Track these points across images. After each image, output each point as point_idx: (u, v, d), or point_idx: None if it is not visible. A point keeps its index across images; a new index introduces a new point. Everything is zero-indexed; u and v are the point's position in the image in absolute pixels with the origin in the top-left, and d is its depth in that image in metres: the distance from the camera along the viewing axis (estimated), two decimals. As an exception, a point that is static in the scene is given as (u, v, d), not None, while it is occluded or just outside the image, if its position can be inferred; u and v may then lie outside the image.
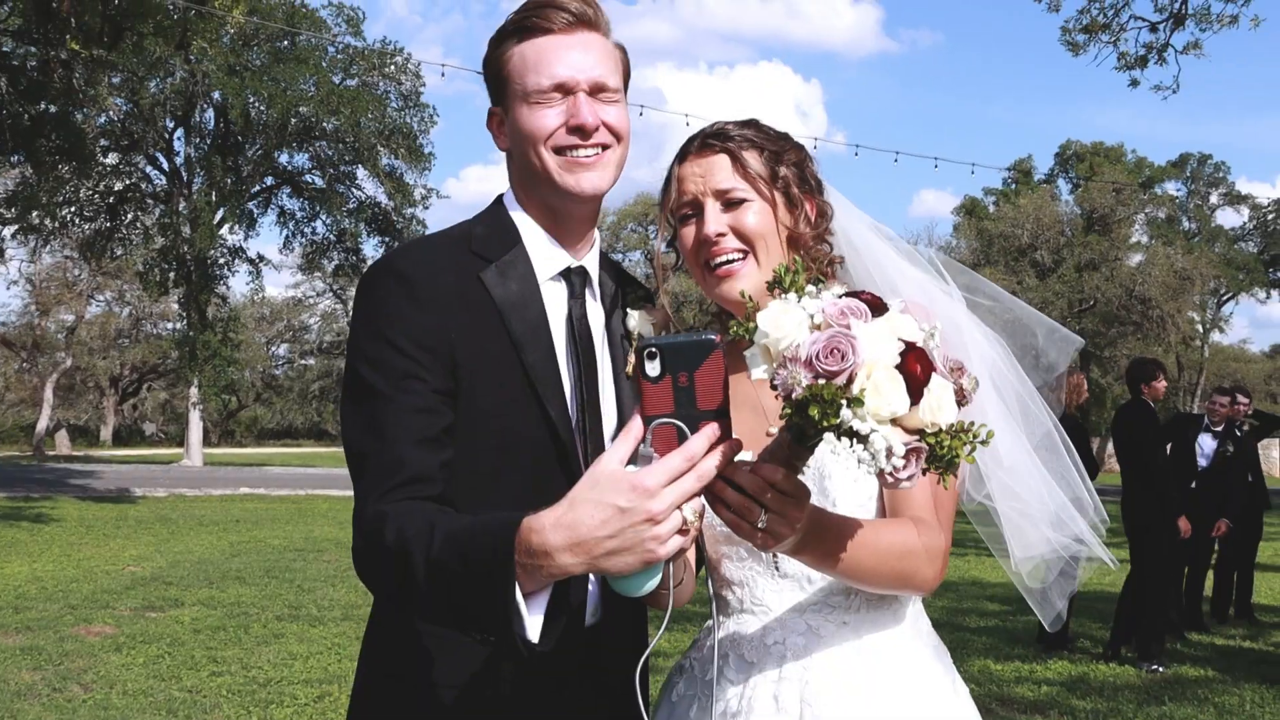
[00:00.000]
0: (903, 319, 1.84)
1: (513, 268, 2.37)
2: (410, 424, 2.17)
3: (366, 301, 2.31)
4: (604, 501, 1.77)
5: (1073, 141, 70.56)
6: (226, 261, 45.36)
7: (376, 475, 2.13)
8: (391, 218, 47.20)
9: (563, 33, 2.35)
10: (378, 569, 2.07)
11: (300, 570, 15.92)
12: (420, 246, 2.43)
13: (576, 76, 2.33)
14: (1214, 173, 76.00)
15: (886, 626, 2.46)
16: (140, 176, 45.74)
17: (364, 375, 2.23)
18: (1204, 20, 22.19)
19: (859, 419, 1.75)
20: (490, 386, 2.28)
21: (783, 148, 2.51)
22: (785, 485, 1.90)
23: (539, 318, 2.36)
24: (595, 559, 1.79)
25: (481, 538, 1.88)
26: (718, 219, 2.45)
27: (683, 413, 1.82)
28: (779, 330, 1.81)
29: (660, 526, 1.76)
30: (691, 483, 1.78)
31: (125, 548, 18.19)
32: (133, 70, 35.53)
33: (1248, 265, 72.59)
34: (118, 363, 73.12)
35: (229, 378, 42.93)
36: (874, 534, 2.22)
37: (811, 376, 1.75)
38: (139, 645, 10.60)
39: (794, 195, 2.49)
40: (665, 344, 1.82)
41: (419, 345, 2.22)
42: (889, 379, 1.76)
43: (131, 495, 28.88)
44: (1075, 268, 57.58)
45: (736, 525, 1.93)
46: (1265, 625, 13.57)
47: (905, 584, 2.32)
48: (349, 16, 45.83)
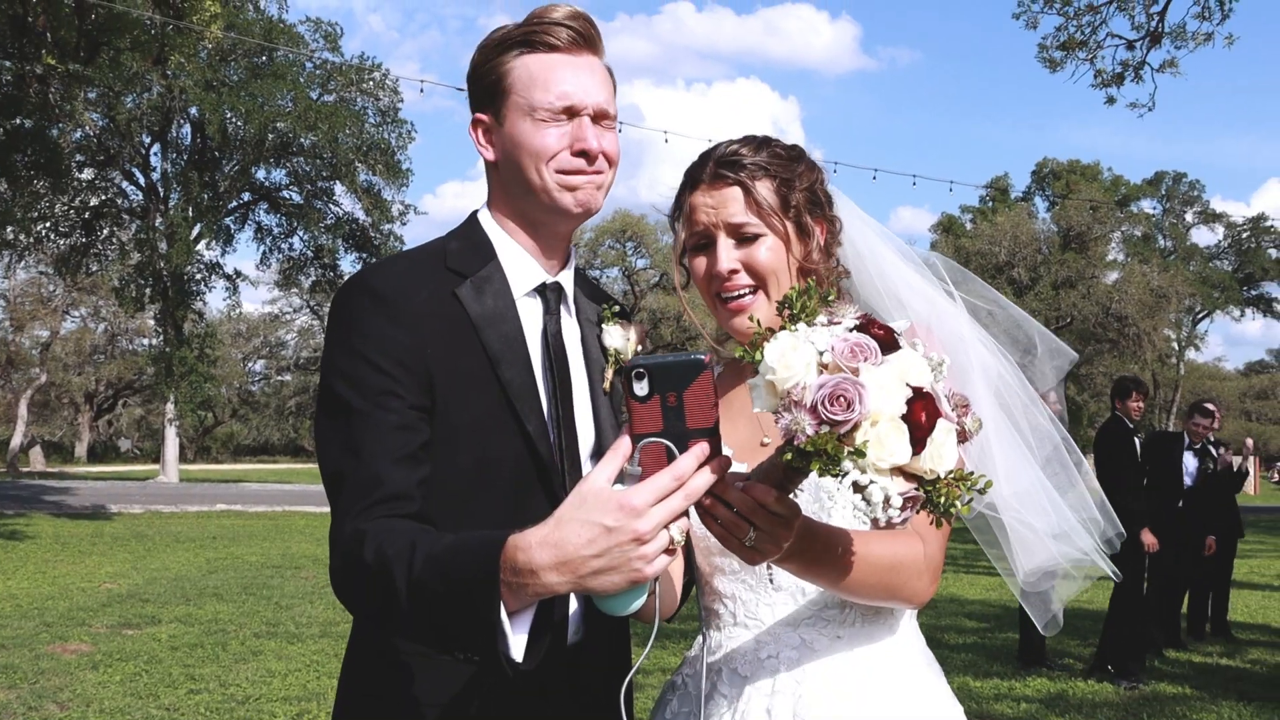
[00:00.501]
0: (912, 359, 1.84)
1: (488, 283, 2.36)
2: (388, 441, 2.15)
3: (341, 318, 2.28)
4: (590, 520, 1.76)
5: (1049, 159, 71.07)
6: (203, 277, 45.13)
7: (354, 493, 2.11)
8: (369, 234, 47.03)
9: (569, 52, 2.35)
10: (357, 588, 2.04)
11: (278, 587, 15.84)
12: (395, 263, 2.41)
13: (585, 100, 2.34)
14: (1189, 191, 76.60)
15: (880, 639, 2.45)
16: (116, 192, 45.48)
17: (340, 392, 2.20)
18: (1180, 38, 22.37)
19: (858, 470, 1.76)
20: (467, 403, 2.26)
21: (795, 172, 2.48)
22: (776, 507, 1.90)
23: (515, 334, 2.35)
24: (581, 578, 1.78)
25: (465, 556, 1.87)
26: (730, 255, 2.44)
27: (671, 432, 1.81)
28: (787, 369, 1.80)
29: (647, 546, 1.75)
30: (679, 502, 1.77)
31: (101, 565, 18.06)
32: (109, 85, 35.30)
33: (1223, 283, 73.17)
34: (93, 379, 72.69)
35: (205, 394, 42.65)
36: (864, 546, 2.21)
37: (815, 424, 1.74)
38: (116, 663, 10.52)
39: (806, 224, 2.48)
40: (654, 364, 1.81)
41: (395, 362, 2.20)
42: (893, 430, 1.76)
43: (107, 512, 28.68)
44: (1052, 285, 57.86)
45: (725, 540, 1.93)
46: (1242, 642, 13.61)
47: (895, 596, 2.31)
48: (326, 32, 45.75)
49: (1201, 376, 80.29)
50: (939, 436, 1.80)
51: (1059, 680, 11.03)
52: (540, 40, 2.34)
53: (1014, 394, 2.52)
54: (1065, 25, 23.12)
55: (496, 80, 2.38)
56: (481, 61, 2.40)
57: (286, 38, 42.58)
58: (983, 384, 2.44)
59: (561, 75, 2.33)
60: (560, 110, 2.32)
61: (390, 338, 2.21)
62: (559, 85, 2.32)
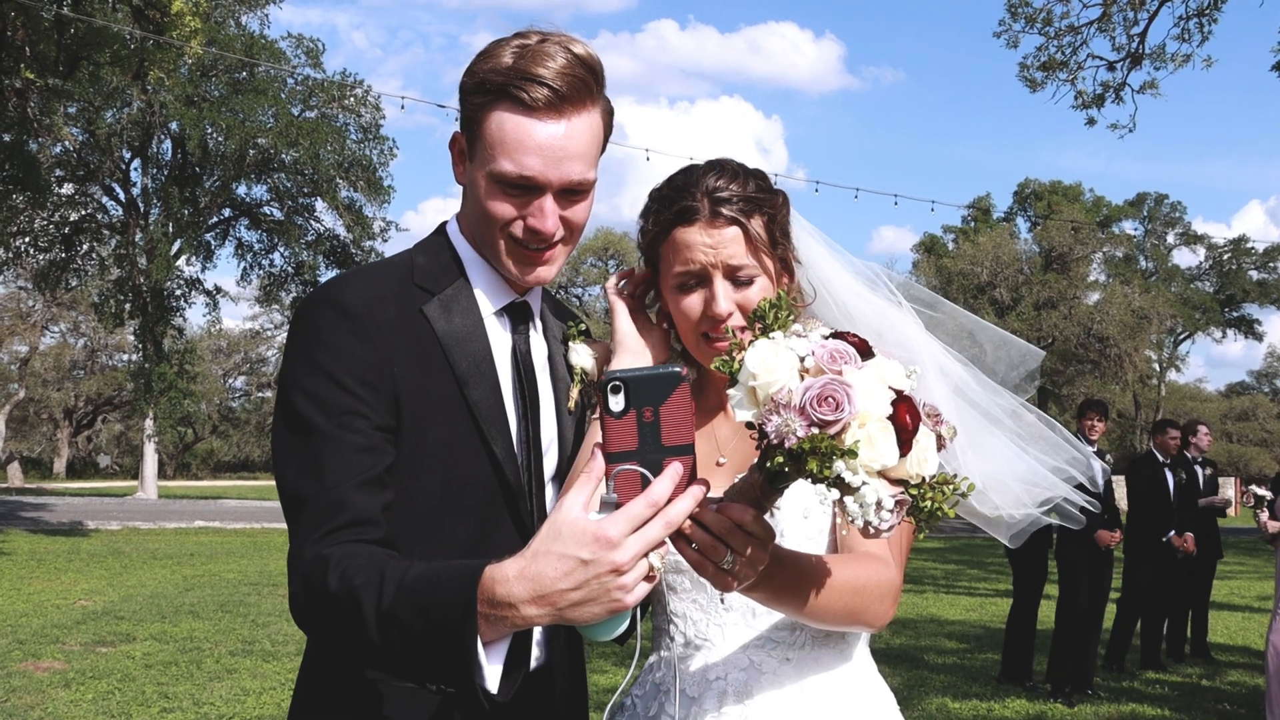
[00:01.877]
0: (890, 365, 1.82)
1: (455, 301, 2.30)
2: (352, 463, 2.07)
3: (304, 332, 2.20)
4: (565, 554, 1.72)
5: (1031, 180, 71.25)
6: (183, 293, 45.07)
7: (315, 517, 2.03)
8: (350, 250, 47.02)
9: (544, 116, 2.20)
10: (321, 617, 1.97)
11: (255, 605, 15.73)
12: (361, 277, 2.32)
13: (549, 175, 2.21)
14: (1170, 212, 76.93)
15: (831, 665, 2.42)
16: (96, 207, 45.41)
17: (301, 409, 2.12)
18: (1160, 60, 22.50)
19: (850, 471, 1.72)
20: (433, 424, 2.20)
21: (776, 205, 2.45)
22: (753, 527, 1.85)
23: (483, 353, 2.29)
24: (560, 610, 1.74)
25: (440, 587, 1.81)
26: (728, 298, 2.39)
27: (648, 449, 1.76)
28: (770, 373, 1.77)
29: (626, 576, 1.72)
30: (658, 530, 1.73)
31: (77, 581, 17.92)
32: (89, 100, 35.27)
33: (1204, 305, 73.48)
34: (72, 394, 72.41)
35: (184, 410, 42.56)
36: (827, 569, 2.17)
37: (806, 425, 1.71)
38: (88, 681, 10.42)
39: (786, 259, 2.46)
40: (630, 376, 1.76)
41: (360, 380, 2.13)
42: (881, 431, 1.74)
43: (84, 528, 28.52)
44: (1034, 306, 58.07)
45: (700, 565, 1.87)
46: (1221, 664, 13.63)
47: (857, 621, 2.27)
48: (308, 48, 45.78)
49: (1183, 398, 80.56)
50: (923, 439, 1.79)
51: (1038, 701, 11.00)
52: (517, 96, 2.19)
53: (973, 390, 2.51)
54: (1046, 45, 23.26)
55: (472, 119, 2.27)
56: (466, 88, 2.29)
57: (268, 53, 42.59)
58: (941, 382, 2.44)
59: (530, 147, 2.19)
60: (518, 179, 2.22)
61: (356, 355, 2.14)
62: (524, 158, 2.20)
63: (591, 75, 2.24)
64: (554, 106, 2.20)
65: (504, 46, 2.24)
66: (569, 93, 2.20)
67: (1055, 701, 10.90)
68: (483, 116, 2.23)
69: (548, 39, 2.23)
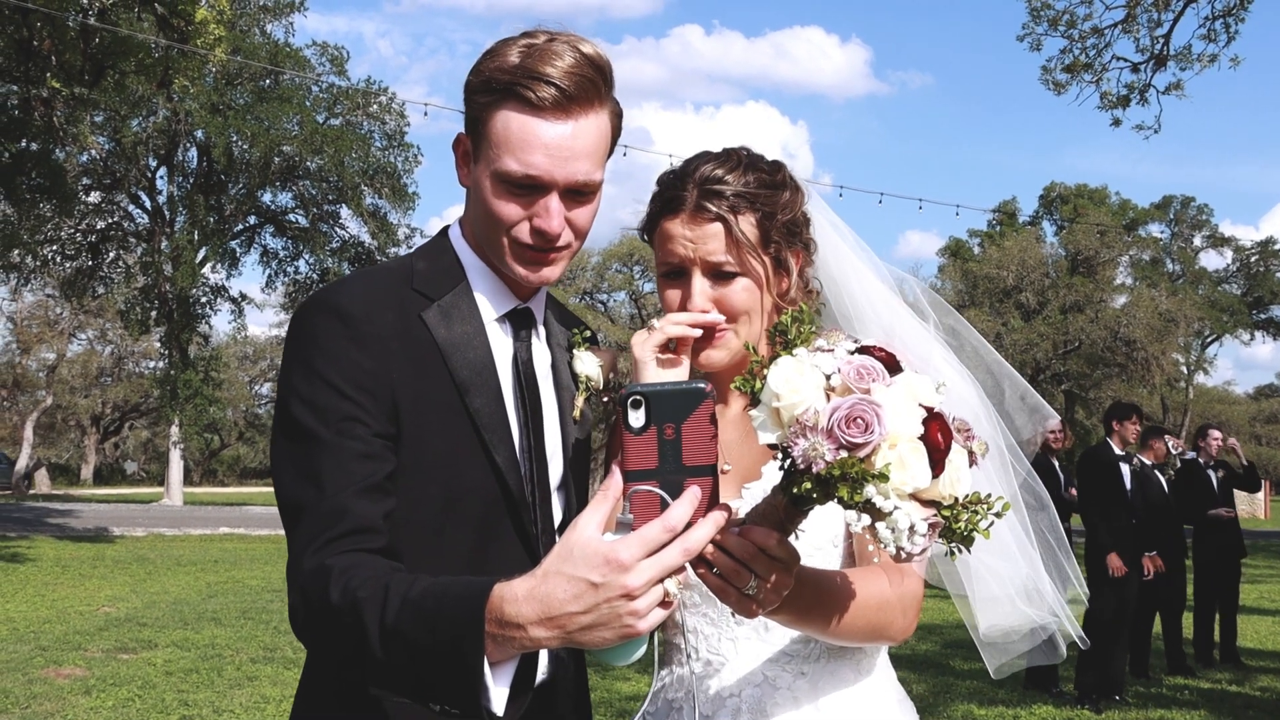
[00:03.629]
0: (919, 380, 1.75)
1: (456, 308, 2.25)
2: (352, 471, 2.02)
3: (303, 337, 2.15)
4: (576, 576, 1.66)
5: (1057, 183, 71.02)
6: (209, 300, 45.27)
7: (315, 526, 1.98)
8: (375, 257, 47.13)
9: (550, 115, 2.14)
10: (321, 630, 1.91)
11: (277, 612, 15.72)
12: (360, 281, 2.27)
13: (554, 174, 2.16)
14: (1197, 215, 76.52)
15: (849, 679, 2.35)
16: (122, 215, 45.67)
17: (299, 417, 2.07)
18: (1185, 60, 22.37)
19: (881, 495, 1.66)
20: (434, 433, 2.15)
21: (778, 202, 2.37)
22: (778, 551, 1.79)
23: (484, 361, 2.24)
24: (569, 634, 1.68)
25: (447, 605, 1.75)
26: (704, 293, 2.34)
27: (667, 468, 1.69)
28: (794, 394, 1.71)
29: (638, 601, 1.65)
30: (675, 556, 1.66)
31: (101, 588, 17.98)
32: (115, 109, 35.49)
33: (1232, 307, 73.02)
34: (99, 401, 72.77)
35: (210, 417, 42.69)
36: (849, 586, 2.11)
37: (834, 448, 1.65)
38: (109, 688, 10.43)
39: (784, 259, 2.38)
40: (652, 391, 1.70)
41: (359, 387, 2.08)
42: (913, 451, 1.68)
43: (110, 535, 28.65)
44: (1060, 309, 57.77)
45: (722, 591, 1.81)
46: (1251, 669, 13.48)
47: (880, 636, 2.22)
48: (333, 56, 45.91)
49: (1211, 400, 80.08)
50: (955, 458, 1.71)
51: (1065, 707, 10.91)
52: (523, 95, 2.14)
53: (981, 425, 2.40)
54: (1069, 48, 23.16)
55: (477, 119, 2.23)
56: (471, 87, 2.24)
57: (293, 61, 42.76)
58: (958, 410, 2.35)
59: (536, 145, 2.15)
60: (524, 179, 2.16)
61: (354, 361, 2.09)
62: (530, 156, 2.14)
63: (600, 75, 2.19)
64: (561, 106, 2.15)
65: (510, 45, 2.19)
66: (577, 92, 2.15)
67: (1082, 708, 10.81)
68: (488, 116, 2.19)
69: (556, 38, 2.18)
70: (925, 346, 2.39)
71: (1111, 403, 13.22)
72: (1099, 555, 11.12)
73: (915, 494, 1.68)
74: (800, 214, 2.42)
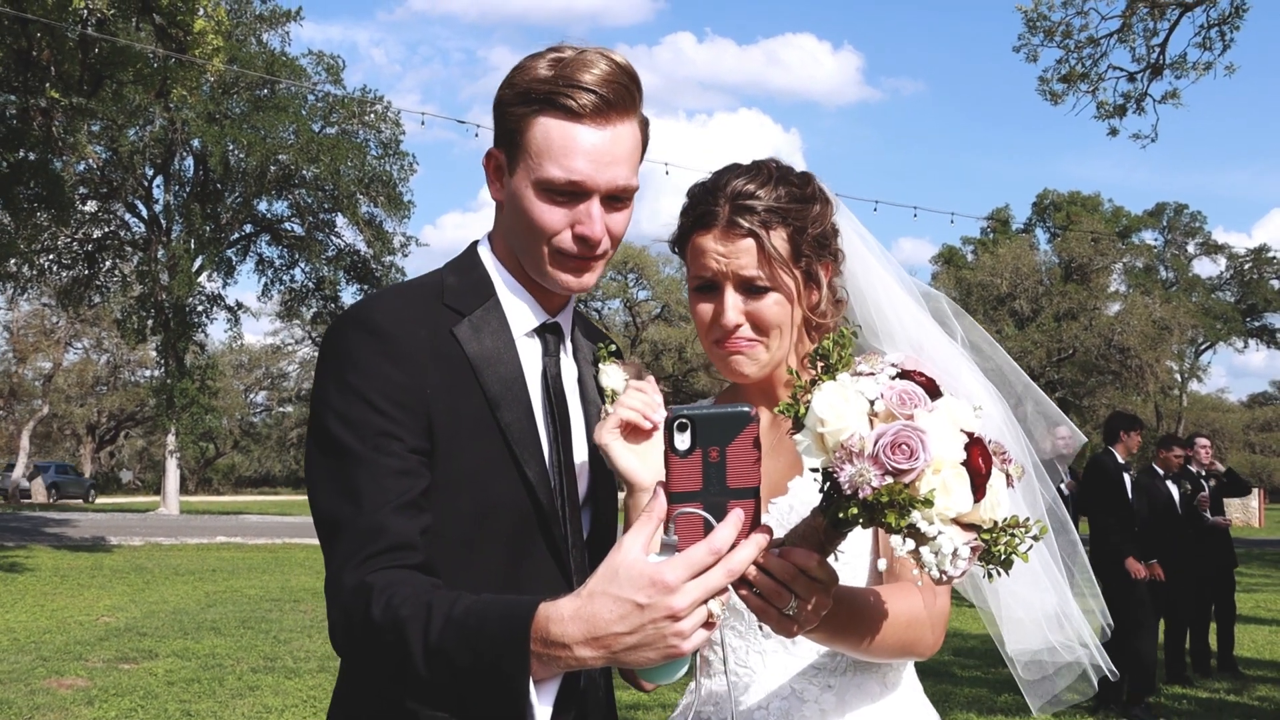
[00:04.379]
0: (959, 405, 1.78)
1: (486, 323, 2.27)
2: (389, 487, 2.03)
3: (336, 353, 2.17)
4: (622, 597, 1.69)
5: (1050, 191, 71.18)
6: (205, 309, 45.28)
7: (354, 542, 1.99)
8: (370, 265, 47.18)
9: (591, 122, 2.17)
10: (364, 647, 1.93)
11: (276, 621, 15.74)
12: (392, 297, 2.28)
13: (596, 179, 2.18)
14: (1190, 222, 76.75)
15: (876, 693, 2.37)
16: (119, 224, 45.67)
17: (336, 433, 2.09)
18: (1180, 69, 22.45)
19: (925, 520, 1.69)
20: (466, 448, 2.16)
21: (809, 215, 2.38)
22: (818, 572, 1.82)
23: (515, 375, 2.26)
24: (615, 654, 1.71)
25: (491, 624, 1.78)
26: (736, 307, 2.36)
27: (711, 490, 1.72)
28: (839, 419, 1.74)
29: (683, 622, 1.68)
30: (719, 578, 1.69)
31: (100, 598, 17.98)
32: (112, 118, 35.48)
33: (1225, 314, 73.22)
34: (95, 410, 72.76)
35: (206, 425, 42.67)
36: (881, 605, 2.14)
37: (880, 474, 1.68)
38: (111, 698, 10.43)
39: (814, 273, 2.39)
40: (698, 415, 1.73)
41: (394, 402, 2.09)
42: (956, 477, 1.70)
43: (107, 544, 28.60)
44: (1054, 317, 57.87)
45: (762, 611, 1.84)
46: (1249, 678, 13.48)
47: (908, 653, 2.25)
48: (329, 65, 45.98)
49: (1204, 408, 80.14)
50: (995, 482, 1.74)
51: (1065, 714, 10.93)
52: (563, 103, 2.16)
53: (1009, 444, 2.35)
54: (1066, 58, 23.24)
55: (514, 130, 2.24)
56: (505, 100, 2.26)
57: (289, 70, 42.82)
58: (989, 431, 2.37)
59: (577, 151, 2.17)
60: (566, 186, 2.18)
61: (388, 377, 2.11)
62: (572, 162, 2.16)
63: (633, 84, 2.23)
64: (600, 112, 2.18)
65: (539, 59, 2.22)
66: (614, 99, 2.18)
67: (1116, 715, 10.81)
68: (526, 126, 2.21)
69: (585, 50, 2.21)
70: (954, 362, 2.40)
71: (1115, 412, 13.25)
72: (1104, 559, 11.14)
73: (957, 518, 1.71)
74: (830, 226, 2.44)
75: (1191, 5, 22.14)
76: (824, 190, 2.46)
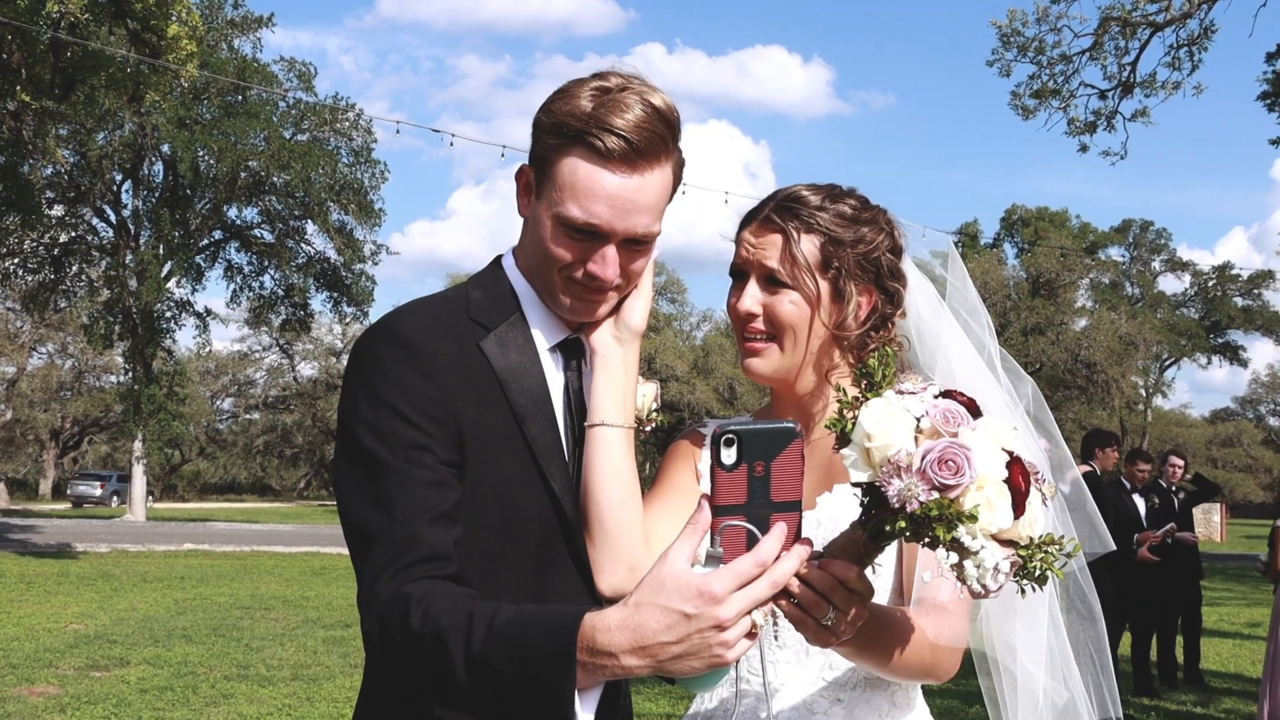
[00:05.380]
0: (1000, 425, 1.82)
1: (511, 338, 2.29)
2: (422, 498, 2.06)
3: (366, 366, 2.19)
4: (669, 607, 1.72)
5: (1018, 206, 71.60)
6: (173, 315, 45.01)
7: (389, 553, 2.01)
8: (340, 273, 47.04)
9: (618, 168, 2.18)
10: (402, 657, 1.94)
11: (248, 629, 15.67)
12: (419, 311, 2.30)
13: (615, 225, 2.20)
14: (1156, 239, 77.45)
15: (881, 708, 2.40)
16: (86, 228, 45.37)
17: (367, 445, 2.11)
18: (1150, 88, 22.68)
19: (969, 535, 1.73)
20: (493, 461, 2.19)
21: (854, 235, 2.42)
22: (857, 585, 1.85)
23: (540, 389, 2.28)
24: (660, 662, 1.74)
25: (535, 634, 1.81)
26: (754, 297, 2.42)
27: (755, 504, 1.76)
28: (886, 435, 1.78)
29: (728, 633, 1.72)
30: (764, 589, 1.73)
31: (67, 605, 17.83)
32: (80, 122, 35.28)
33: (1190, 331, 73.82)
34: (59, 415, 72.15)
35: (174, 432, 42.40)
36: (910, 625, 2.18)
37: (928, 489, 1.72)
38: (84, 706, 10.36)
39: (844, 289, 2.41)
40: (744, 430, 1.76)
41: (425, 415, 2.12)
42: (999, 493, 1.75)
43: (73, 550, 28.37)
44: (1021, 331, 58.20)
45: (800, 621, 1.87)
46: (1215, 691, 13.61)
47: (930, 675, 2.28)
48: (300, 72, 45.81)
49: (1168, 424, 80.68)
50: (1033, 500, 1.79)
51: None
52: (593, 143, 2.17)
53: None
54: (1038, 74, 23.44)
55: (544, 159, 2.26)
56: (541, 126, 2.27)
57: (260, 77, 42.67)
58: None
59: (600, 196, 2.19)
60: (584, 225, 2.21)
61: (419, 390, 2.14)
62: (593, 205, 2.19)
63: (669, 130, 2.24)
64: (628, 160, 2.19)
65: (582, 87, 2.23)
66: (645, 147, 2.19)
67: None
68: (556, 158, 2.23)
69: (629, 88, 2.21)
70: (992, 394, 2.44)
71: (1092, 429, 13.39)
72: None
73: (997, 534, 1.75)
74: (885, 258, 2.46)
75: (1162, 25, 22.42)
76: (891, 225, 2.50)
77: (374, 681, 2.29)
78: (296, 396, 79.17)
